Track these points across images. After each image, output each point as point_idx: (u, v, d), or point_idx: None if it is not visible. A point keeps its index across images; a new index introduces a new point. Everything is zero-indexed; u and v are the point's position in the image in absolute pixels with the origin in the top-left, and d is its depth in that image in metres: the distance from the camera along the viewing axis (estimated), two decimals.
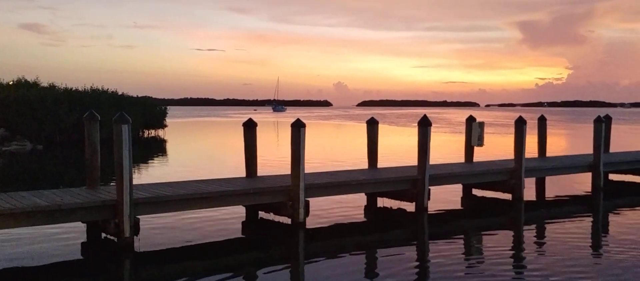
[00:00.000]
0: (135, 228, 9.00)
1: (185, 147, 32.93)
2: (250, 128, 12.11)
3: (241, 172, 12.31)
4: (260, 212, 11.53)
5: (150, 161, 23.65)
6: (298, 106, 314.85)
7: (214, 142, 38.31)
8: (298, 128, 10.75)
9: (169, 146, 32.44)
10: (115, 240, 9.02)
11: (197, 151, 29.84)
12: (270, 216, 11.34)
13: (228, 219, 11.38)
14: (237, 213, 11.71)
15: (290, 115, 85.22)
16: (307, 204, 10.77)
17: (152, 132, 41.13)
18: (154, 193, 9.66)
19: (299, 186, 10.59)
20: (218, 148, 33.02)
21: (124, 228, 8.83)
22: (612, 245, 9.91)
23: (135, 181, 9.43)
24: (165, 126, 43.09)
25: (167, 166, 22.30)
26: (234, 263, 8.79)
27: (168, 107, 45.45)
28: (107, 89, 37.46)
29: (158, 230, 10.40)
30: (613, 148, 19.21)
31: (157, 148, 31.12)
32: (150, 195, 9.44)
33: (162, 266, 8.64)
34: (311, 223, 11.04)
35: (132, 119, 9.61)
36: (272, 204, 10.92)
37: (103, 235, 9.53)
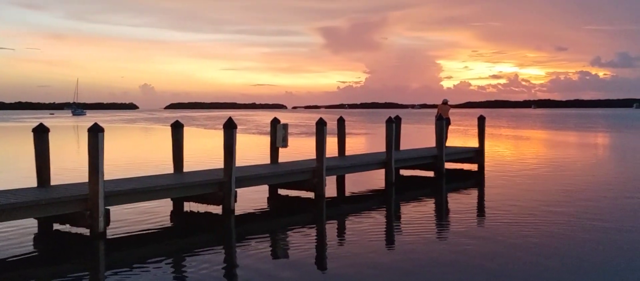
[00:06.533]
0: None
1: None
2: (41, 134, 11.20)
3: (33, 182, 11.33)
4: (54, 224, 10.71)
5: None
6: (101, 110, 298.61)
7: (1, 150, 34.64)
8: (95, 133, 10.17)
9: None
10: None
11: None
12: (67, 228, 10.58)
13: (16, 235, 10.39)
14: (27, 226, 10.75)
15: (91, 119, 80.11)
16: (107, 213, 10.23)
17: None
18: None
19: (97, 194, 10.03)
20: (6, 156, 29.91)
21: None
22: (404, 233, 10.88)
23: None
24: None
25: None
26: None
27: None
28: None
29: None
30: (403, 146, 21.06)
31: None
32: None
33: None
34: (112, 232, 10.51)
35: None
36: (68, 214, 10.19)
37: None
